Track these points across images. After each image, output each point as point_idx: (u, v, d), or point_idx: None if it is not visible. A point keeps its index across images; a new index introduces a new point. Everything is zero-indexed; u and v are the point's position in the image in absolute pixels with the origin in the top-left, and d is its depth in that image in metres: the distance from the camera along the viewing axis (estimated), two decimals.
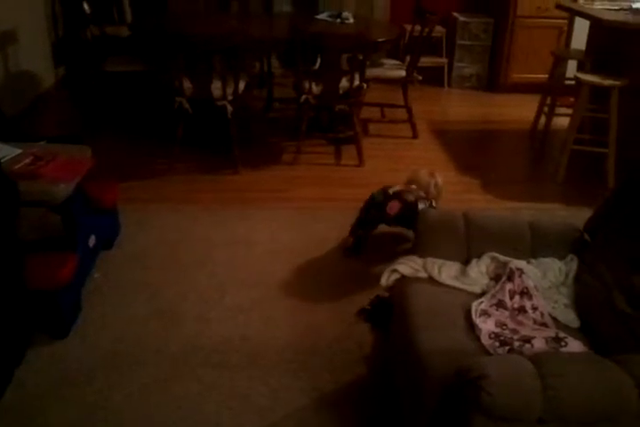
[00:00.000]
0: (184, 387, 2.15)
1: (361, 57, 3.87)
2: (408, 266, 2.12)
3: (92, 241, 2.66)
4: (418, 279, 2.07)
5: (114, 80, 4.52)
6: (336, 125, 4.28)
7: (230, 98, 3.81)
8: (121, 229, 3.08)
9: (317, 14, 4.67)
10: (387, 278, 2.14)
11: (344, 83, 3.95)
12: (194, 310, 2.56)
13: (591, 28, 4.49)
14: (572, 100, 4.32)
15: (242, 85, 3.95)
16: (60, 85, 5.40)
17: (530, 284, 2.00)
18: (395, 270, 2.12)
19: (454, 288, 2.04)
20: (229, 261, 2.90)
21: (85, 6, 4.39)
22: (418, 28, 4.51)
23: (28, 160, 2.50)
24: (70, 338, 2.36)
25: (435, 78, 5.76)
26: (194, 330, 2.44)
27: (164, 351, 2.32)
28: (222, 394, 2.13)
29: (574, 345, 1.77)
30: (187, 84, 3.80)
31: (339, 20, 4.46)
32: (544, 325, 1.89)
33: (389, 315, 2.19)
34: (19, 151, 2.58)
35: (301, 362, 2.28)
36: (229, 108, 3.80)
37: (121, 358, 2.28)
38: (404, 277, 2.10)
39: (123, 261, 2.87)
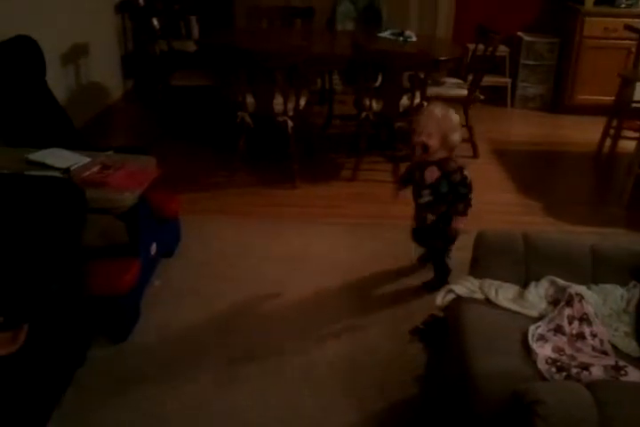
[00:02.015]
0: (235, 396, 2.18)
1: (422, 75, 3.87)
2: (464, 286, 2.10)
3: (153, 249, 2.73)
4: (474, 300, 2.04)
5: (179, 93, 4.65)
6: (395, 143, 4.29)
7: (291, 113, 3.87)
8: (181, 239, 3.15)
9: (380, 32, 4.70)
10: (442, 298, 2.11)
11: (405, 100, 3.96)
12: (249, 321, 2.59)
13: None
14: (639, 123, 4.22)
15: (303, 101, 4.01)
16: (128, 98, 5.58)
17: (590, 310, 1.96)
18: (450, 290, 2.10)
19: (511, 311, 2.00)
20: (285, 275, 2.93)
21: (155, 22, 4.54)
22: (481, 47, 4.50)
23: (96, 169, 2.59)
24: (129, 342, 2.42)
25: (497, 98, 5.71)
26: (249, 341, 2.47)
27: (219, 360, 2.36)
28: (273, 406, 2.15)
29: (635, 375, 1.71)
30: (249, 99, 3.88)
31: (401, 39, 4.48)
32: (603, 352, 1.84)
33: (443, 335, 2.17)
34: (87, 160, 2.67)
35: (352, 378, 2.28)
36: (290, 123, 3.86)
37: (177, 365, 2.33)
38: (459, 297, 2.08)
39: (182, 270, 2.93)
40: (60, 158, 2.66)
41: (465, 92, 4.43)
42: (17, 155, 2.68)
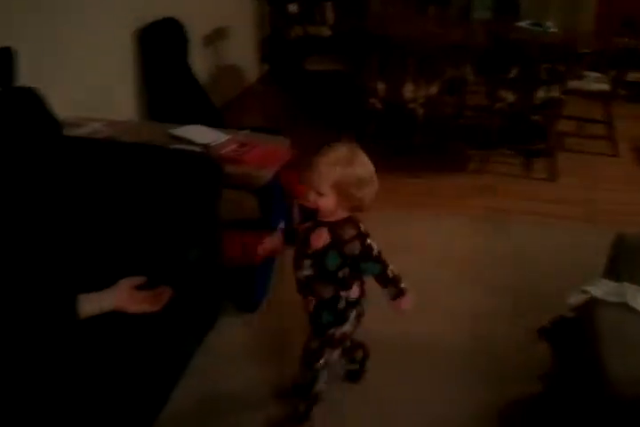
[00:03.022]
0: (357, 388, 2.23)
1: (562, 68, 3.72)
2: (599, 288, 2.02)
3: (281, 225, 2.80)
4: (609, 303, 1.96)
5: (313, 78, 4.72)
6: (528, 137, 4.15)
7: (421, 101, 3.84)
8: None
9: (518, 22, 4.55)
10: (575, 298, 2.05)
11: (541, 93, 3.82)
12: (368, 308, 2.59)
13: None
14: None
15: (434, 90, 3.96)
16: (264, 81, 5.71)
17: None
18: (585, 291, 2.03)
19: None
20: (400, 264, 2.88)
21: (291, 7, 4.62)
22: (626, 40, 4.26)
23: (234, 146, 2.69)
24: (257, 313, 2.52)
25: None
26: (373, 328, 2.44)
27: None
28: (399, 395, 2.18)
29: None
30: (380, 85, 3.88)
31: (541, 29, 4.32)
32: None
33: (571, 336, 2.10)
34: (226, 137, 2.77)
35: (478, 373, 2.28)
36: (420, 111, 3.83)
37: (301, 340, 2.38)
38: (594, 299, 2.00)
39: None
40: (201, 134, 2.79)
41: (606, 86, 4.21)
42: (162, 129, 2.83)
